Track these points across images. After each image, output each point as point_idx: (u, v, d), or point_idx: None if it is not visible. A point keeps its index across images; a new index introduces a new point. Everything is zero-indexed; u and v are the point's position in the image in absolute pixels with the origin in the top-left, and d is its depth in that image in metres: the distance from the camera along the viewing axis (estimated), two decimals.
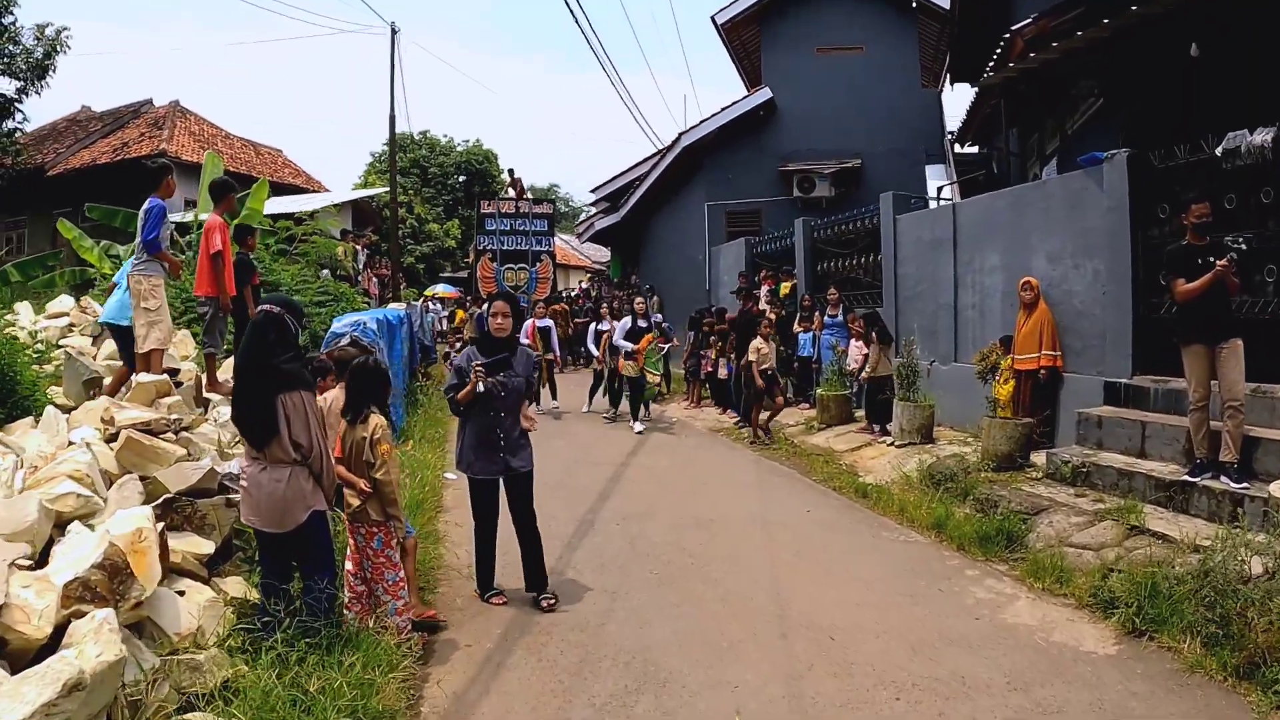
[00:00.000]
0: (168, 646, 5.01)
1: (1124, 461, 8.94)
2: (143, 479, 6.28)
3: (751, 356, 13.90)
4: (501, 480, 7.08)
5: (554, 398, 18.11)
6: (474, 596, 7.23)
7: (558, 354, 19.33)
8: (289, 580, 5.63)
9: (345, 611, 6.06)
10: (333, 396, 6.84)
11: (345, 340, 12.00)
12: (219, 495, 6.47)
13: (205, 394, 9.40)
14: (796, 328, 16.76)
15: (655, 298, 17.03)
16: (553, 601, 6.99)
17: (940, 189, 18.26)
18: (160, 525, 5.39)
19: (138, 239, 9.22)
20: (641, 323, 15.91)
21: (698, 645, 6.24)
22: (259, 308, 5.63)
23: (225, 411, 8.53)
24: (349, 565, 6.19)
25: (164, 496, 6.06)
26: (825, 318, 15.59)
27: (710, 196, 25.00)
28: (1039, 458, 10.25)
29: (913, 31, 24.76)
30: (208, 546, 6.04)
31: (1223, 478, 7.71)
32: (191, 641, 5.16)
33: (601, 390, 17.77)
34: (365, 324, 12.36)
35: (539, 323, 17.93)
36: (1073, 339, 10.84)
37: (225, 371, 10.13)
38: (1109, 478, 8.86)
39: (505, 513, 7.13)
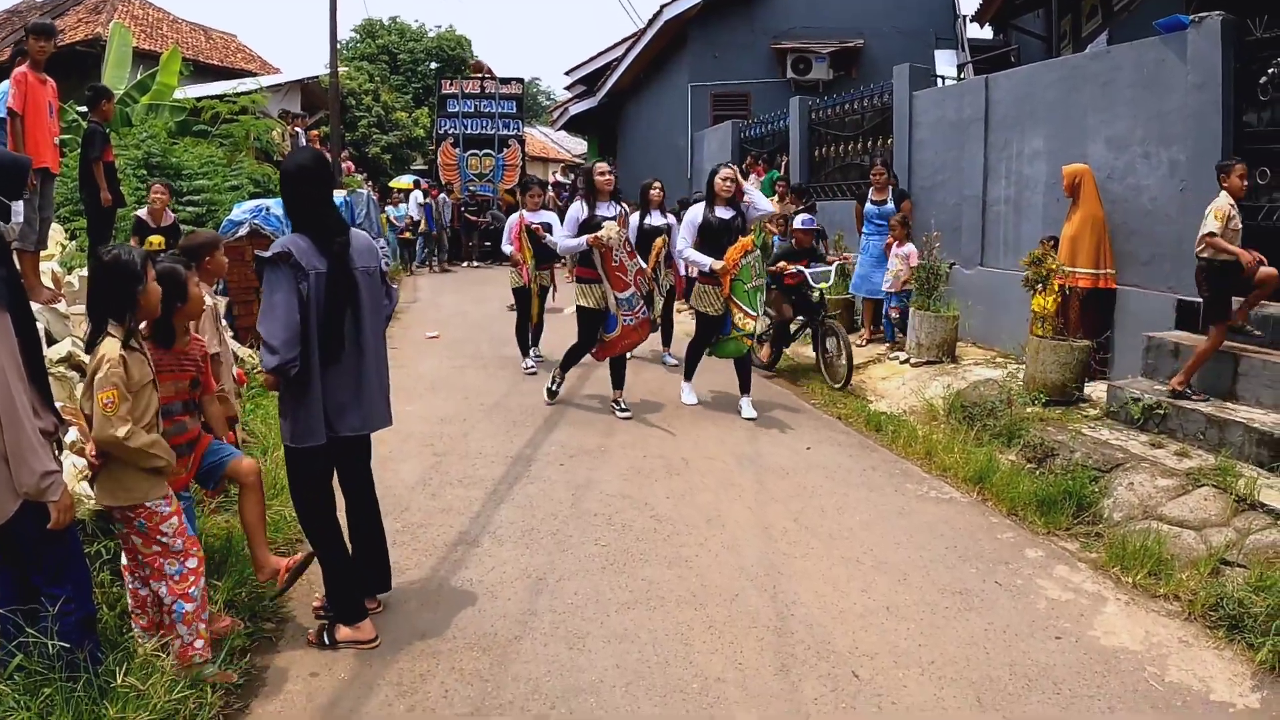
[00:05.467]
0: None
1: (1211, 404, 6.94)
2: None
3: (1210, 226, 6.97)
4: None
5: (535, 343, 11.50)
6: None
7: (554, 270, 11.75)
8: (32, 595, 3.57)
9: (135, 626, 4.12)
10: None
11: (244, 229, 10.09)
12: None
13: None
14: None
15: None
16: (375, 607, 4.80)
17: (961, 68, 16.04)
18: None
19: None
20: (723, 212, 8.69)
21: (655, 688, 4.18)
22: None
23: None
24: (125, 560, 4.15)
25: None
26: (868, 206, 12.09)
27: (695, 77, 22.64)
28: (1095, 390, 8.23)
29: None
30: None
31: None
32: None
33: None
34: (269, 209, 10.25)
35: (531, 217, 11.01)
36: (1138, 244, 8.74)
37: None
38: (1193, 425, 6.86)
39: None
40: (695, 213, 8.88)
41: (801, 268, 10.02)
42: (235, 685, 4.05)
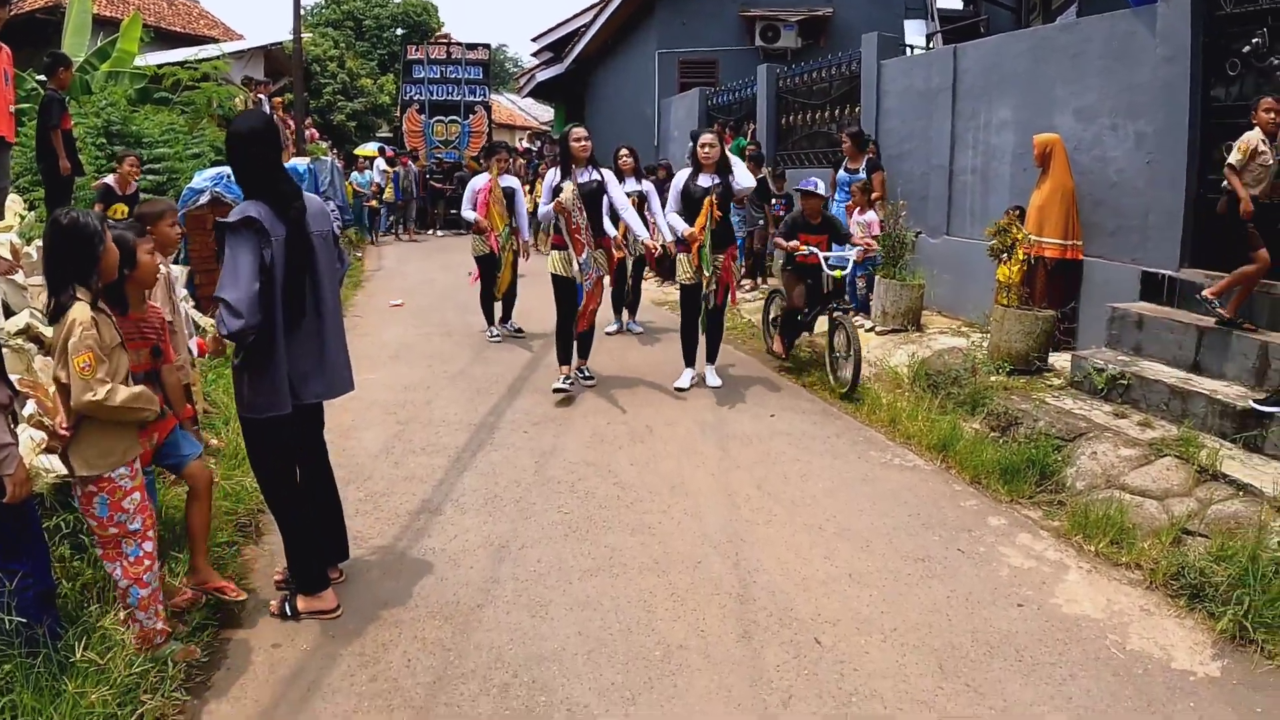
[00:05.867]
0: None
1: (1175, 376, 6.97)
2: None
3: (1231, 158, 6.74)
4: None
5: (508, 315, 11.24)
6: None
7: (525, 234, 10.98)
8: None
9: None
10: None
11: (205, 197, 9.92)
12: None
13: None
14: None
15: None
16: (337, 577, 4.81)
17: (930, 37, 15.99)
18: None
19: None
20: (705, 180, 8.41)
21: (618, 655, 4.17)
22: None
23: None
24: None
25: None
26: (841, 173, 11.86)
27: (662, 45, 22.41)
28: (1059, 360, 8.26)
29: None
30: None
31: None
32: None
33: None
34: (229, 177, 10.05)
35: (502, 181, 10.55)
36: (1104, 216, 8.75)
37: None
38: (1157, 395, 6.89)
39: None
40: (680, 179, 8.64)
41: (816, 248, 8.68)
42: (198, 661, 4.00)
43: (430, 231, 23.55)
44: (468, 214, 10.52)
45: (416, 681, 3.92)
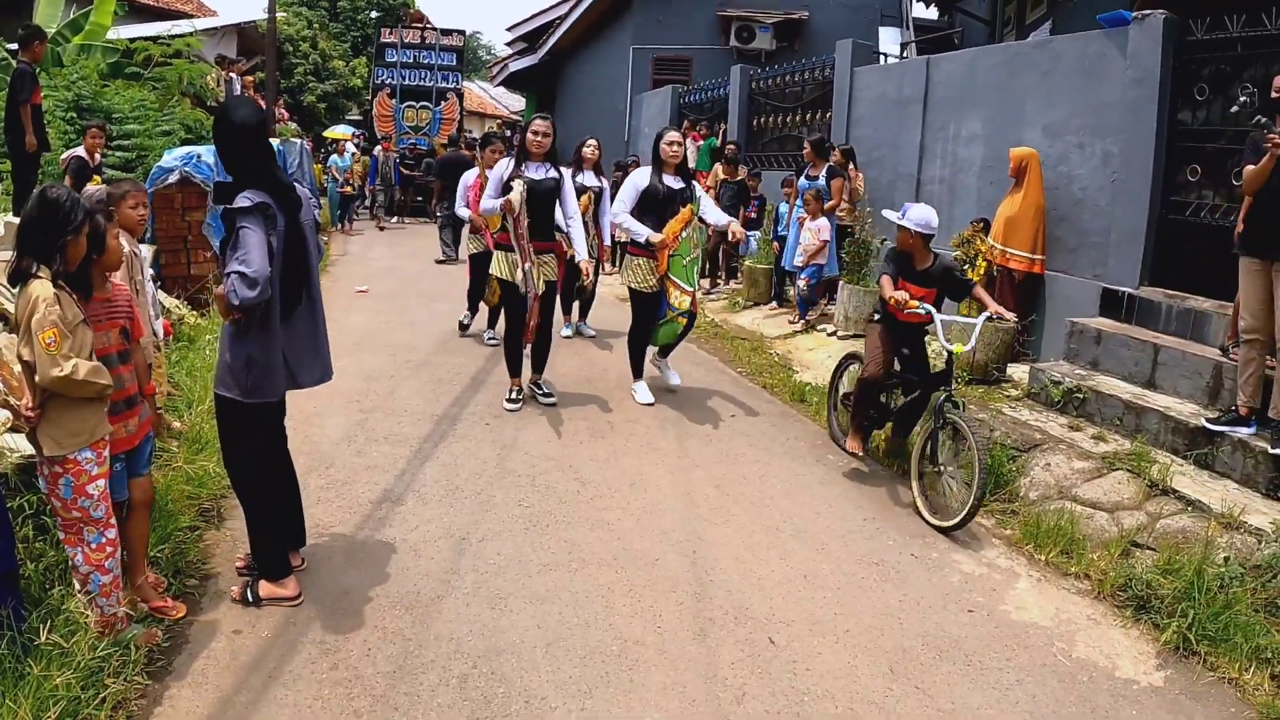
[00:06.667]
0: None
1: (1130, 392, 7.07)
2: None
3: None
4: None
5: (492, 326, 10.21)
6: None
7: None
8: None
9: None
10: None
11: (174, 176, 9.85)
12: None
13: None
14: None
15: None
16: (299, 564, 4.81)
17: (904, 46, 16.11)
18: None
19: None
20: (672, 181, 7.87)
21: (575, 650, 4.21)
22: None
23: None
24: None
25: None
26: (802, 180, 11.55)
27: (637, 40, 22.53)
28: (1017, 371, 8.37)
29: None
30: None
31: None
32: None
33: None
34: (200, 157, 9.99)
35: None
36: (1067, 231, 8.87)
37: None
38: (1112, 410, 7.00)
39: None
40: (640, 177, 7.87)
41: (928, 304, 6.56)
42: (160, 645, 4.01)
43: (396, 219, 23.35)
44: (462, 212, 10.01)
45: (377, 670, 3.94)
